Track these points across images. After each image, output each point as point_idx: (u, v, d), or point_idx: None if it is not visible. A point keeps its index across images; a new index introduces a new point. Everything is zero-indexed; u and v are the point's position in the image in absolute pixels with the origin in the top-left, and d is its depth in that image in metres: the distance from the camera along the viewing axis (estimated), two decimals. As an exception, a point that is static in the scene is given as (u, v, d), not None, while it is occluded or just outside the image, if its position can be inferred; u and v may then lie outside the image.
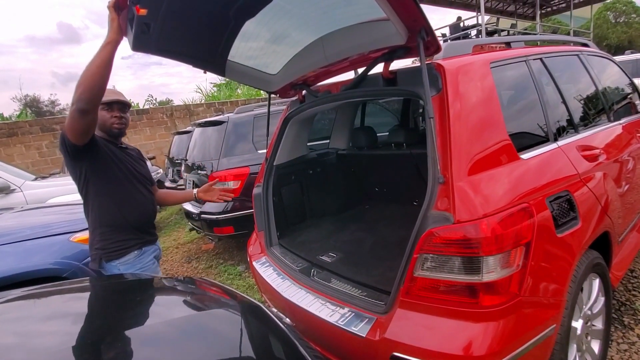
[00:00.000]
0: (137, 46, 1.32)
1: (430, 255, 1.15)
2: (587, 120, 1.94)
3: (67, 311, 1.14)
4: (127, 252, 1.65)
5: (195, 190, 1.98)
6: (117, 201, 1.63)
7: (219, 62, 1.66)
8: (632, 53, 8.30)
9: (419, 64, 1.24)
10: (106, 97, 1.57)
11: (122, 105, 1.67)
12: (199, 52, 1.58)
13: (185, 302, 1.28)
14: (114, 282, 1.52)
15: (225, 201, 2.02)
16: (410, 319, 1.21)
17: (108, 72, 1.31)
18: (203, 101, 12.97)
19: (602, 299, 1.62)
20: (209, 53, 1.59)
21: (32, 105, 21.59)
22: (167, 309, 1.19)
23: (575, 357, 1.42)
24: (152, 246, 1.77)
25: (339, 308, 1.44)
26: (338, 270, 1.79)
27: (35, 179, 4.67)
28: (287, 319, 1.62)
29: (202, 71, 1.69)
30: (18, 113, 12.08)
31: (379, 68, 1.54)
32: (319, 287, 1.62)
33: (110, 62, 1.30)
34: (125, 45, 1.35)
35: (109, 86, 1.63)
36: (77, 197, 4.66)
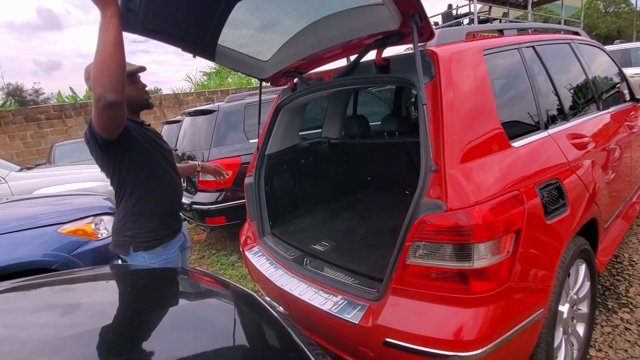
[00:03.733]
0: (123, 25, 1.19)
1: (422, 242, 1.16)
2: (577, 108, 1.95)
3: (57, 303, 1.12)
4: (157, 244, 1.58)
5: (200, 163, 2.01)
6: (154, 188, 1.56)
7: (209, 46, 1.61)
8: (621, 43, 8.37)
9: (412, 51, 1.23)
10: (127, 68, 1.36)
11: (140, 71, 1.54)
12: (187, 35, 1.53)
13: (177, 292, 1.28)
14: (103, 273, 1.50)
15: (219, 181, 2.02)
16: (402, 305, 1.22)
17: (123, 50, 1.16)
18: (193, 90, 12.75)
19: (587, 284, 1.66)
20: (198, 36, 1.54)
21: (15, 94, 20.97)
22: (158, 299, 1.18)
23: (562, 339, 1.46)
24: (179, 234, 1.71)
25: (331, 296, 1.45)
26: (331, 258, 1.80)
27: (21, 170, 4.57)
28: (280, 308, 1.63)
29: (192, 55, 1.63)
30: (1, 103, 11.73)
31: (371, 55, 1.53)
32: (311, 275, 1.62)
33: (122, 38, 1.15)
34: None
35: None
36: (63, 188, 4.56)
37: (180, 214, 1.78)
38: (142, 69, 1.54)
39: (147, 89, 1.62)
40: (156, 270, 1.51)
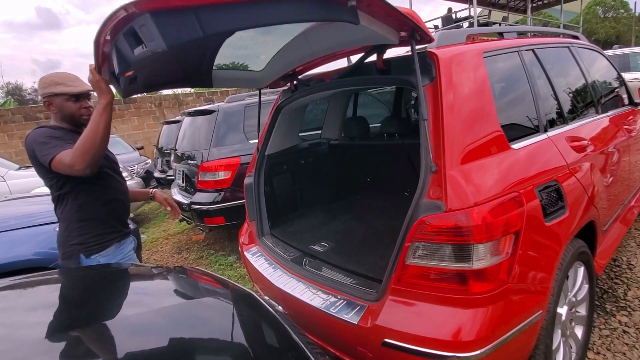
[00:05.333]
0: (127, 94, 1.31)
1: (422, 243, 1.16)
2: (576, 111, 1.96)
3: (54, 301, 1.12)
4: (108, 245, 1.59)
5: (153, 191, 1.91)
6: (97, 194, 1.57)
7: (206, 76, 1.62)
8: (619, 47, 8.42)
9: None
10: (74, 88, 1.53)
11: (87, 94, 1.60)
12: (184, 75, 1.55)
13: (176, 290, 1.27)
14: (102, 271, 1.50)
15: (171, 217, 1.91)
16: (401, 306, 1.22)
17: (109, 133, 1.37)
18: (192, 90, 12.76)
19: (586, 287, 1.66)
20: (193, 72, 1.56)
21: (14, 93, 20.94)
22: (157, 298, 1.18)
23: (560, 342, 1.46)
24: (129, 237, 1.72)
25: (330, 296, 1.45)
26: (330, 259, 1.80)
27: (19, 169, 4.56)
28: (280, 307, 1.63)
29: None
30: (1, 102, 11.70)
31: (372, 56, 1.53)
32: (310, 276, 1.62)
33: (110, 123, 1.36)
34: None
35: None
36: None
37: (129, 220, 1.78)
38: (84, 92, 1.56)
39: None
40: (154, 269, 1.50)
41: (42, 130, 1.50)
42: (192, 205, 3.46)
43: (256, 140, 2.30)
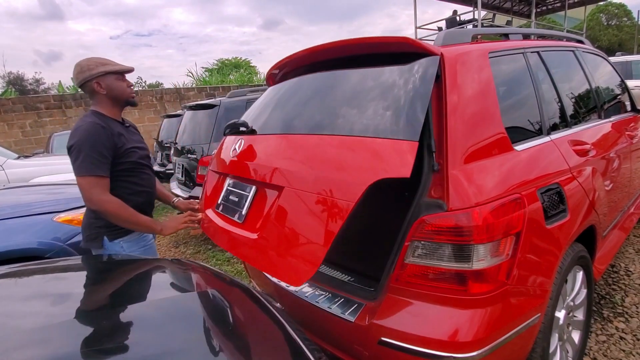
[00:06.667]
0: None
1: (422, 242, 1.15)
2: (579, 116, 1.95)
3: (49, 291, 1.11)
4: (132, 230, 1.63)
5: (176, 200, 1.97)
6: (130, 183, 1.63)
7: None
8: (622, 55, 8.43)
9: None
10: (122, 67, 1.59)
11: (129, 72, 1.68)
12: None
13: (172, 283, 1.26)
14: (98, 262, 1.49)
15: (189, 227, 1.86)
16: (399, 305, 1.21)
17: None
18: (194, 85, 12.73)
19: (584, 291, 1.66)
20: None
21: (15, 83, 20.89)
22: (153, 290, 1.17)
23: (557, 346, 1.46)
24: None
25: (328, 293, 1.44)
26: (328, 256, 1.79)
27: (18, 158, 4.54)
28: (277, 303, 1.62)
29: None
30: (2, 91, 11.66)
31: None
32: (308, 272, 1.61)
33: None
34: (114, 25, 1.33)
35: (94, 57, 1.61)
36: (61, 177, 4.53)
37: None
38: (131, 70, 1.65)
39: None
40: (150, 261, 1.50)
41: (97, 128, 1.50)
42: (191, 199, 3.45)
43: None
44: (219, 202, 1.78)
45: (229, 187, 1.75)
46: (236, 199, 1.64)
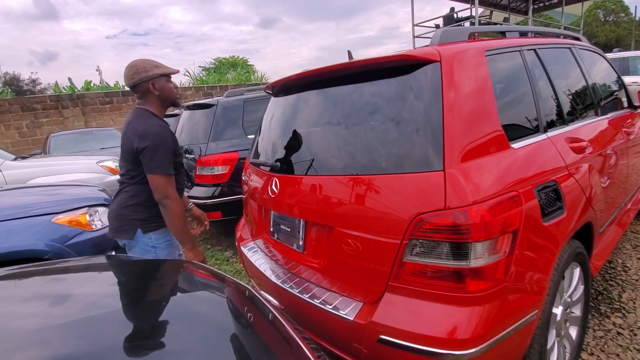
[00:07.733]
0: None
1: (420, 240, 1.16)
2: (576, 113, 1.96)
3: (47, 292, 1.11)
4: (163, 225, 1.71)
5: (191, 205, 2.11)
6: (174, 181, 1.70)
7: None
8: (619, 51, 8.44)
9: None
10: (172, 69, 1.70)
11: None
12: None
13: (171, 284, 1.26)
14: (97, 263, 1.49)
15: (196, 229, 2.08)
16: (397, 303, 1.22)
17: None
18: (191, 84, 12.69)
19: (581, 287, 1.67)
20: None
21: (12, 83, 20.78)
22: (152, 291, 1.17)
23: (554, 342, 1.47)
24: None
25: (327, 292, 1.44)
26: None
27: (16, 159, 4.52)
28: (276, 302, 1.63)
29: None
30: (-2, 91, 11.60)
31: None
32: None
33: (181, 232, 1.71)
34: (111, 25, 1.33)
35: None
36: (58, 178, 4.52)
37: None
38: (177, 71, 1.75)
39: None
40: (149, 262, 1.50)
41: (165, 130, 1.64)
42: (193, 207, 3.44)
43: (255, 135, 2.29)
44: (271, 230, 1.82)
45: (277, 218, 1.77)
46: (289, 229, 1.67)
